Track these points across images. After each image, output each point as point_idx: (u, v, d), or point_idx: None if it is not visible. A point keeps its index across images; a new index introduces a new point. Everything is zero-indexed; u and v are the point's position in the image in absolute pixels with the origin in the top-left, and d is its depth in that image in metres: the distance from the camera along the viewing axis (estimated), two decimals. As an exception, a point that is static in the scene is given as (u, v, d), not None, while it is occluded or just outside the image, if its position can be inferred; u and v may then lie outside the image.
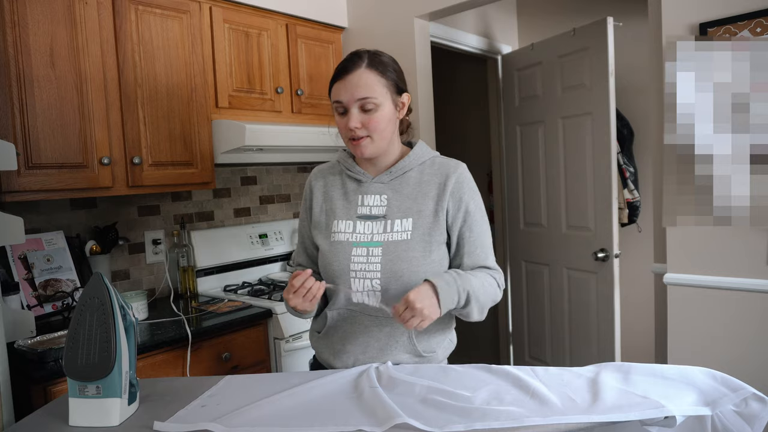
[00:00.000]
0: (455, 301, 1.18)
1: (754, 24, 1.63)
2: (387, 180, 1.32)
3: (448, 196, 1.28)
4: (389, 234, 1.27)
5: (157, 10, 2.09)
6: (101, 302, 1.07)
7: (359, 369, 1.23)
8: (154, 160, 2.08)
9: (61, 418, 1.09)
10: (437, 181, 1.30)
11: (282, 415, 1.05)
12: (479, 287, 1.24)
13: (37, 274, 1.98)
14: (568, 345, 2.94)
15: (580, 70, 2.70)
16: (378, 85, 1.24)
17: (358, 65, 1.24)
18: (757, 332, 1.67)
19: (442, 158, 1.36)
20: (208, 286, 2.50)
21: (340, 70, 1.26)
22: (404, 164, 1.32)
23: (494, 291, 1.31)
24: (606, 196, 2.63)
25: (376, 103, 1.23)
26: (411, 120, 1.43)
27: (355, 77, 1.23)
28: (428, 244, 1.27)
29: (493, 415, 0.96)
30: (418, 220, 1.27)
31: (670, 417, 0.94)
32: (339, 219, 1.33)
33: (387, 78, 1.25)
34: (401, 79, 1.31)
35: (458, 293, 1.19)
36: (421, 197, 1.29)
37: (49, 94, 1.80)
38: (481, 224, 1.33)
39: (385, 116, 1.25)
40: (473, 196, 1.31)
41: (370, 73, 1.24)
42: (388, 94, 1.26)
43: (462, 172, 1.31)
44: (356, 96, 1.23)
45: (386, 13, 2.71)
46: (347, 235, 1.30)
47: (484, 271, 1.31)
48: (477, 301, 1.23)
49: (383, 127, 1.26)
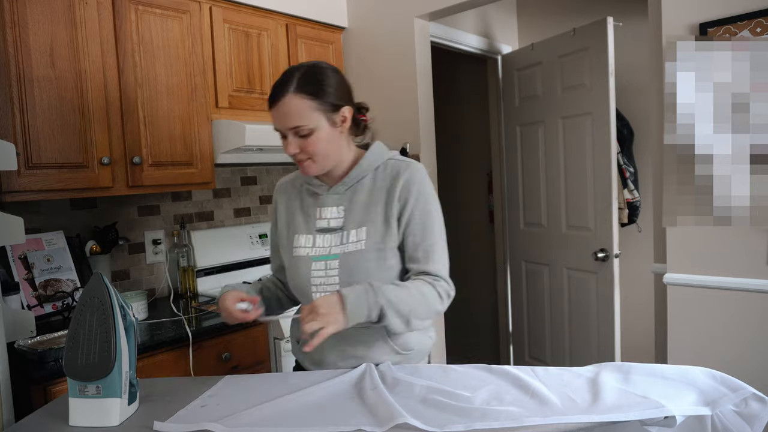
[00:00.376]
0: (365, 315, 1.13)
1: (754, 24, 1.63)
2: (342, 191, 1.30)
3: (395, 200, 1.25)
4: (345, 246, 1.26)
5: (157, 10, 2.09)
6: (101, 302, 1.07)
7: (360, 369, 1.23)
8: (154, 160, 2.08)
9: (61, 418, 1.09)
10: (387, 186, 1.27)
11: (282, 416, 1.05)
12: (404, 300, 1.17)
13: (37, 274, 1.98)
14: (568, 345, 2.94)
15: (580, 70, 2.70)
16: (308, 110, 1.19)
17: (286, 91, 1.19)
18: (757, 332, 1.67)
19: (397, 160, 1.31)
20: (208, 286, 2.50)
21: (270, 96, 1.22)
22: (357, 172, 1.29)
23: (429, 302, 1.22)
24: (606, 196, 2.63)
25: (309, 129, 1.20)
26: (371, 120, 1.38)
27: (284, 106, 1.19)
28: (382, 251, 1.25)
29: (493, 415, 0.96)
30: (371, 228, 1.25)
31: (670, 417, 0.94)
32: (299, 233, 1.32)
33: (318, 100, 1.20)
34: (339, 93, 1.24)
35: (368, 308, 1.13)
36: (373, 205, 1.27)
37: (49, 94, 1.80)
38: (427, 228, 1.26)
39: (322, 138, 1.22)
40: (420, 199, 1.25)
41: (299, 98, 1.19)
42: (321, 116, 1.21)
43: (411, 174, 1.26)
44: (287, 125, 1.21)
45: (386, 13, 2.71)
46: (307, 249, 1.30)
47: (422, 280, 1.24)
48: (398, 315, 1.16)
49: (321, 149, 1.22)
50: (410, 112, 2.67)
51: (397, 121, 2.73)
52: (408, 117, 2.68)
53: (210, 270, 2.52)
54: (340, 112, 1.24)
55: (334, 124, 1.23)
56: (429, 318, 1.24)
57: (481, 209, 3.79)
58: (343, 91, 1.26)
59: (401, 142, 2.70)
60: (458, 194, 3.92)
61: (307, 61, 1.28)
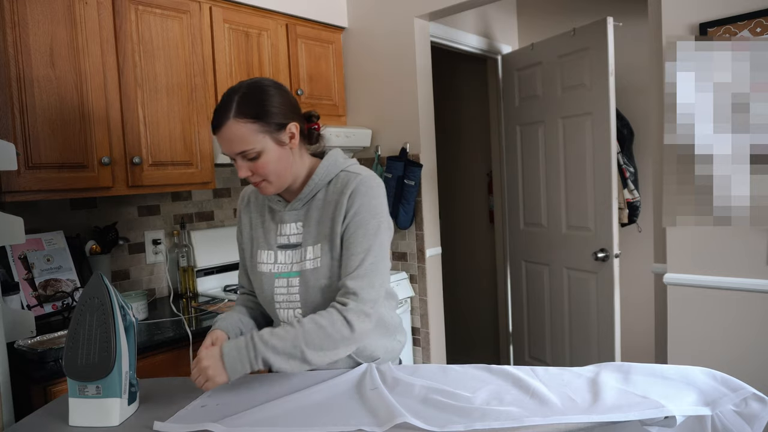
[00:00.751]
0: (246, 368, 1.10)
1: (754, 24, 1.63)
2: (299, 206, 1.27)
3: (341, 215, 1.21)
4: (303, 263, 1.24)
5: (157, 10, 2.09)
6: (101, 302, 1.07)
7: (360, 369, 1.23)
8: (154, 160, 2.08)
9: (61, 418, 1.09)
10: (335, 200, 1.23)
11: (282, 416, 1.05)
12: (292, 341, 1.11)
13: (37, 274, 1.98)
14: (568, 345, 2.94)
15: (580, 70, 2.70)
16: (251, 133, 1.15)
17: (226, 117, 1.15)
18: (757, 332, 1.67)
19: (349, 172, 1.26)
20: (208, 286, 2.50)
21: (212, 121, 1.19)
22: (311, 187, 1.26)
23: (330, 332, 1.13)
24: (606, 196, 2.63)
25: (256, 152, 1.17)
26: (323, 127, 1.35)
27: (226, 132, 1.16)
28: (334, 269, 1.22)
29: (493, 415, 0.96)
30: (325, 245, 1.23)
31: (670, 417, 0.94)
32: (261, 249, 1.31)
33: (261, 121, 1.16)
34: (283, 110, 1.19)
35: (249, 361, 1.10)
36: (325, 220, 1.24)
37: (49, 94, 1.80)
38: (359, 240, 1.20)
39: (271, 159, 1.18)
40: (360, 210, 1.20)
41: (240, 123, 1.15)
42: (266, 138, 1.17)
43: (357, 186, 1.21)
44: (233, 151, 1.17)
45: (386, 13, 2.71)
46: (269, 266, 1.29)
47: (326, 311, 1.16)
48: (289, 358, 1.11)
49: (273, 169, 1.19)
50: (410, 112, 2.67)
51: (397, 121, 2.73)
52: (408, 117, 2.68)
53: (210, 270, 2.52)
54: (286, 130, 1.20)
55: (281, 143, 1.20)
56: (339, 346, 1.15)
57: (481, 209, 3.79)
58: (288, 107, 1.21)
59: (401, 142, 2.70)
60: (458, 194, 3.93)
61: (248, 80, 1.23)
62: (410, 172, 2.62)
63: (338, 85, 2.85)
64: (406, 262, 2.79)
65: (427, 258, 2.72)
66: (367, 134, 2.81)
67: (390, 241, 1.28)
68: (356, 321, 1.15)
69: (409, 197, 2.64)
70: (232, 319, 1.35)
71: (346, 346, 1.16)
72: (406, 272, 2.77)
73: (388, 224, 1.25)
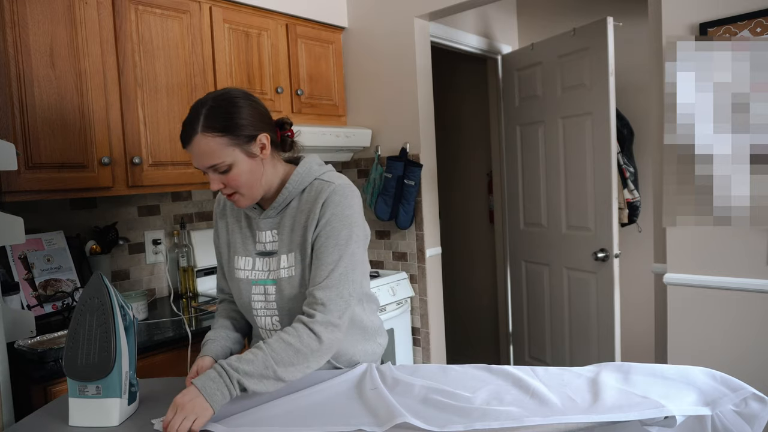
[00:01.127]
0: (226, 395, 1.05)
1: (754, 24, 1.63)
2: (273, 214, 1.26)
3: (313, 224, 1.20)
4: (279, 271, 1.24)
5: (157, 10, 2.09)
6: (101, 302, 1.07)
7: (360, 369, 1.23)
8: (154, 160, 2.08)
9: (61, 418, 1.09)
10: (308, 210, 1.22)
11: (282, 416, 1.05)
12: (263, 362, 1.08)
13: (37, 274, 1.98)
14: (568, 345, 2.94)
15: (580, 70, 2.70)
16: (220, 147, 1.13)
17: (194, 131, 1.13)
18: (757, 332, 1.67)
19: (323, 180, 1.24)
20: (208, 286, 2.50)
21: (180, 136, 1.17)
22: (285, 196, 1.24)
23: (298, 347, 1.11)
24: (606, 196, 2.63)
25: (227, 165, 1.15)
26: (297, 133, 1.33)
27: (195, 147, 1.14)
28: (307, 277, 1.22)
29: (493, 415, 0.96)
30: (298, 253, 1.22)
31: (670, 417, 0.94)
32: (239, 255, 1.31)
33: (229, 135, 1.14)
34: (252, 121, 1.17)
35: (227, 388, 1.05)
36: (297, 228, 1.23)
37: (49, 94, 1.80)
38: (330, 251, 1.18)
39: (242, 171, 1.17)
40: (332, 220, 1.19)
41: (208, 137, 1.13)
42: (236, 150, 1.15)
43: (329, 196, 1.20)
44: (203, 165, 1.16)
45: (386, 13, 2.71)
46: (246, 272, 1.29)
47: (291, 327, 1.15)
48: (262, 378, 1.08)
49: (245, 181, 1.18)
50: (410, 112, 2.67)
51: (397, 121, 2.73)
52: (408, 117, 2.68)
53: (210, 270, 2.52)
54: (256, 141, 1.18)
55: (252, 155, 1.18)
56: (309, 359, 1.13)
57: (481, 209, 3.79)
58: (257, 118, 1.19)
59: (401, 142, 2.70)
60: (458, 194, 3.93)
61: (216, 91, 1.21)
62: (410, 172, 2.62)
63: (338, 85, 2.85)
64: (406, 262, 2.79)
65: (427, 258, 2.72)
66: (367, 134, 2.81)
67: (365, 249, 1.27)
68: (324, 332, 1.14)
69: (409, 197, 2.64)
70: (220, 340, 1.33)
71: (317, 359, 1.14)
72: (406, 272, 2.77)
73: (362, 233, 1.24)
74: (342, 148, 2.76)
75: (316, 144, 2.55)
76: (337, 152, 2.80)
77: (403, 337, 2.72)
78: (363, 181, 2.89)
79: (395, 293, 2.65)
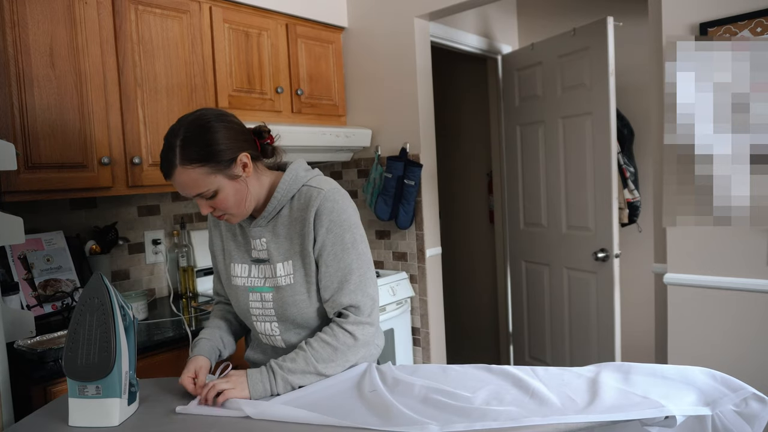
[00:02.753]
0: (267, 391, 1.14)
1: (754, 24, 1.63)
2: (264, 224, 1.26)
3: (310, 233, 1.21)
4: (275, 279, 1.25)
5: (157, 10, 2.09)
6: (101, 302, 1.07)
7: (360, 369, 1.23)
8: (154, 160, 2.08)
9: (61, 418, 1.09)
10: (301, 217, 1.23)
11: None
12: (305, 360, 1.17)
13: (36, 274, 1.98)
14: (568, 345, 2.94)
15: (580, 70, 2.70)
16: (201, 176, 1.13)
17: (173, 165, 1.13)
18: (757, 332, 1.67)
19: (310, 186, 1.24)
20: (208, 286, 2.50)
21: (160, 167, 1.17)
22: (274, 205, 1.24)
23: (336, 345, 1.19)
24: (606, 196, 2.63)
25: (212, 191, 1.16)
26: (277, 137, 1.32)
27: (176, 180, 1.15)
28: (310, 284, 1.24)
29: (493, 415, 0.96)
30: (296, 262, 1.24)
31: (670, 417, 0.94)
32: (235, 263, 1.32)
33: (209, 163, 1.13)
34: (230, 144, 1.16)
35: (270, 382, 1.14)
36: (295, 237, 1.24)
37: (49, 94, 1.80)
38: (340, 257, 1.21)
39: (229, 194, 1.17)
40: (331, 228, 1.20)
41: (188, 169, 1.12)
42: (218, 177, 1.15)
43: (321, 203, 1.20)
44: (189, 194, 1.17)
45: (386, 13, 2.71)
46: (243, 279, 1.31)
47: (327, 327, 1.22)
48: (305, 373, 1.16)
49: (233, 202, 1.19)
50: (410, 112, 2.67)
51: (397, 121, 2.73)
52: (408, 117, 2.68)
53: (210, 270, 2.52)
54: (237, 162, 1.17)
55: (234, 176, 1.17)
56: (347, 354, 1.20)
57: (481, 209, 3.79)
58: (233, 138, 1.17)
59: (401, 142, 2.70)
60: (458, 194, 3.93)
61: (188, 116, 1.18)
62: (410, 172, 2.62)
63: (338, 85, 2.85)
64: (406, 262, 2.79)
65: (427, 258, 2.72)
66: (367, 134, 2.81)
67: (368, 248, 1.29)
68: (357, 330, 1.21)
69: (409, 197, 2.64)
70: (212, 340, 1.35)
71: (354, 354, 1.22)
72: (406, 272, 2.77)
73: (361, 234, 1.26)
74: (342, 148, 2.76)
75: (316, 144, 2.55)
76: (337, 152, 2.80)
77: (403, 337, 2.72)
78: (363, 181, 2.89)
79: (395, 293, 2.65)
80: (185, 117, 1.18)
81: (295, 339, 1.28)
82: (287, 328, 1.28)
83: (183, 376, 1.19)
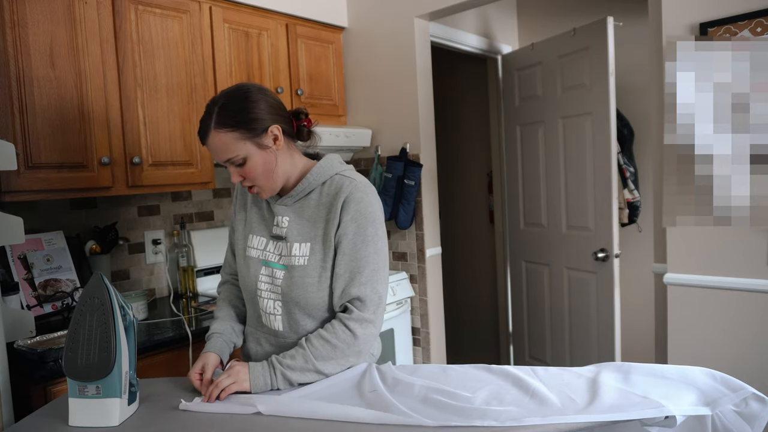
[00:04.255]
0: (268, 386, 1.16)
1: (754, 24, 1.63)
2: (290, 203, 1.28)
3: (335, 219, 1.23)
4: (290, 258, 1.26)
5: (157, 10, 2.09)
6: (101, 302, 1.07)
7: (360, 369, 1.23)
8: (154, 160, 2.08)
9: (61, 418, 1.09)
10: (328, 203, 1.25)
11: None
12: (304, 357, 1.18)
13: (36, 274, 1.98)
14: (568, 345, 2.94)
15: (580, 70, 2.70)
16: (233, 141, 1.18)
17: (208, 127, 1.19)
18: (757, 332, 1.67)
19: (343, 176, 1.27)
20: (208, 286, 2.50)
21: (198, 133, 1.23)
22: (304, 186, 1.27)
23: (335, 343, 1.19)
24: (606, 196, 2.63)
25: (241, 158, 1.20)
26: (315, 122, 1.36)
27: (210, 143, 1.20)
28: (324, 270, 1.24)
29: (493, 415, 0.96)
30: (315, 245, 1.25)
31: (670, 417, 0.94)
32: (254, 234, 1.33)
33: (240, 129, 1.18)
34: (263, 114, 1.20)
35: (270, 377, 1.16)
36: (318, 221, 1.25)
37: (49, 94, 1.80)
38: (358, 248, 1.22)
39: (258, 164, 1.21)
40: (356, 217, 1.22)
41: (221, 133, 1.18)
42: (248, 144, 1.19)
43: (351, 192, 1.23)
44: (220, 159, 1.21)
45: (386, 13, 2.71)
46: (259, 252, 1.31)
47: (329, 324, 1.22)
48: (305, 371, 1.17)
49: (261, 172, 1.22)
50: (410, 112, 2.67)
51: (397, 121, 2.73)
52: (408, 117, 2.68)
53: (210, 270, 2.52)
54: (268, 133, 1.21)
55: (264, 146, 1.21)
56: (347, 353, 1.21)
57: (481, 209, 3.79)
58: (268, 110, 1.22)
59: (401, 142, 2.70)
60: (458, 194, 3.93)
61: (230, 87, 1.24)
62: (410, 172, 2.63)
63: (338, 85, 2.85)
64: (406, 262, 2.79)
65: (427, 258, 2.72)
66: (367, 134, 2.81)
67: (387, 247, 1.30)
68: (358, 329, 1.20)
69: (409, 197, 2.64)
70: (226, 334, 1.37)
71: (354, 353, 1.22)
72: (406, 272, 2.77)
73: (383, 231, 1.27)
74: (342, 148, 2.76)
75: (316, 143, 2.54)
76: (337, 152, 2.80)
77: (403, 337, 2.72)
78: (363, 181, 2.89)
79: (395, 293, 2.65)
80: (227, 88, 1.24)
81: (293, 323, 1.28)
82: (289, 309, 1.27)
83: (191, 372, 1.22)
